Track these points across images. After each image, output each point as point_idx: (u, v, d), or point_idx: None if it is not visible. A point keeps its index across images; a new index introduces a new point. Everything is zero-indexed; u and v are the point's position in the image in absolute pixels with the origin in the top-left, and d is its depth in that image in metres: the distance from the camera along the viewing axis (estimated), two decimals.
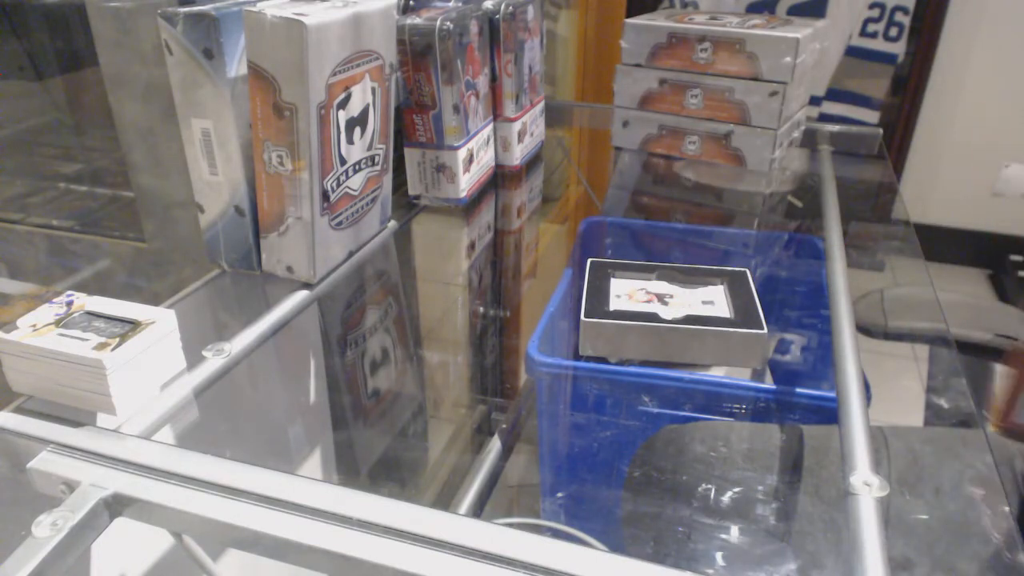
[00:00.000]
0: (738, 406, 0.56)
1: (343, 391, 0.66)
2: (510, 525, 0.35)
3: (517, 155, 0.86)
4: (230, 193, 0.56)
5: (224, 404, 0.49)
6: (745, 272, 0.66)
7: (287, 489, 0.37)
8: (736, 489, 0.52)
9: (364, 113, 0.60)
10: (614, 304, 0.62)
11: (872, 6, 1.99)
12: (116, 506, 0.37)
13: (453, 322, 0.81)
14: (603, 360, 0.59)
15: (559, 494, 0.65)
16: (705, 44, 0.83)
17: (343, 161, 0.58)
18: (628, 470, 0.57)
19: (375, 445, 0.70)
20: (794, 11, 2.03)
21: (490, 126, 0.82)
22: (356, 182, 0.61)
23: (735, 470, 0.53)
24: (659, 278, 0.66)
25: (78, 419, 0.42)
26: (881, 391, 0.52)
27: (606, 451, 0.60)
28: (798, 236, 0.81)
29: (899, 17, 1.98)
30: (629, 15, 0.92)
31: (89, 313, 0.44)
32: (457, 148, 0.73)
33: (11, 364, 0.42)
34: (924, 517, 0.48)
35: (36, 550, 0.34)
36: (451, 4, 0.75)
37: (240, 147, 0.55)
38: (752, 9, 2.06)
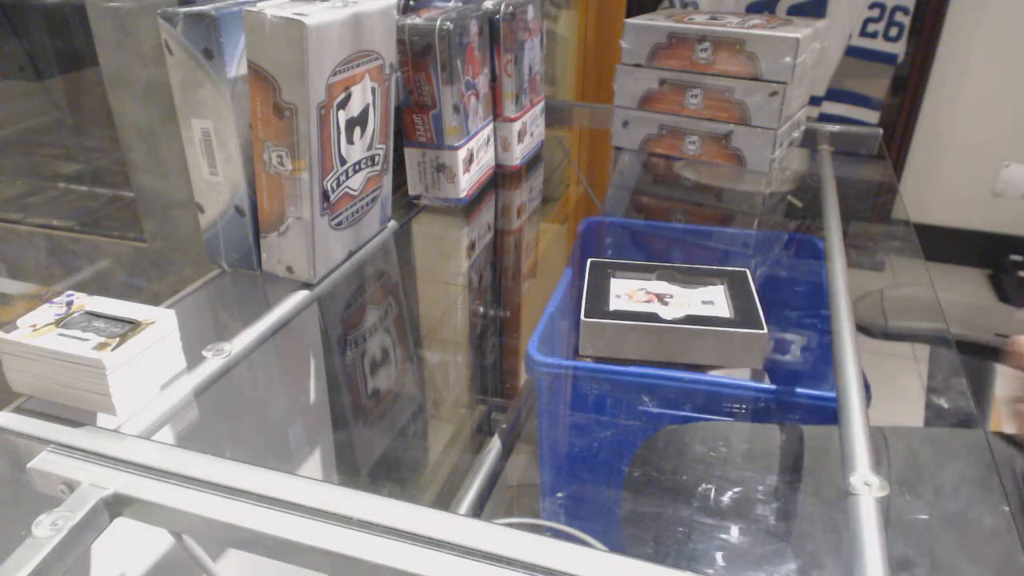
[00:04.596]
0: (738, 406, 0.56)
1: (343, 391, 0.66)
2: (510, 525, 0.35)
3: (517, 155, 0.86)
4: (230, 193, 0.56)
5: (224, 404, 0.49)
6: (745, 272, 0.66)
7: (287, 489, 0.37)
8: (736, 489, 0.52)
9: (364, 113, 0.60)
10: (614, 304, 0.61)
11: (872, 6, 1.99)
12: (116, 506, 0.37)
13: (453, 322, 0.81)
14: (603, 360, 0.59)
15: (559, 494, 0.65)
16: (705, 44, 0.83)
17: (343, 161, 0.58)
18: (628, 470, 0.57)
19: (375, 445, 0.70)
20: (794, 11, 2.03)
21: (490, 126, 0.82)
22: (356, 182, 0.61)
23: (735, 470, 0.53)
24: (659, 278, 0.66)
25: (78, 419, 0.42)
26: (881, 391, 0.52)
27: (606, 451, 0.60)
28: (798, 236, 0.81)
29: (899, 17, 1.98)
30: (629, 15, 0.92)
31: (89, 313, 0.44)
32: (457, 148, 0.73)
33: (11, 364, 0.42)
34: (924, 517, 0.48)
35: (36, 550, 0.34)
36: (451, 4, 0.75)
37: (240, 147, 0.55)
38: (752, 9, 2.06)
